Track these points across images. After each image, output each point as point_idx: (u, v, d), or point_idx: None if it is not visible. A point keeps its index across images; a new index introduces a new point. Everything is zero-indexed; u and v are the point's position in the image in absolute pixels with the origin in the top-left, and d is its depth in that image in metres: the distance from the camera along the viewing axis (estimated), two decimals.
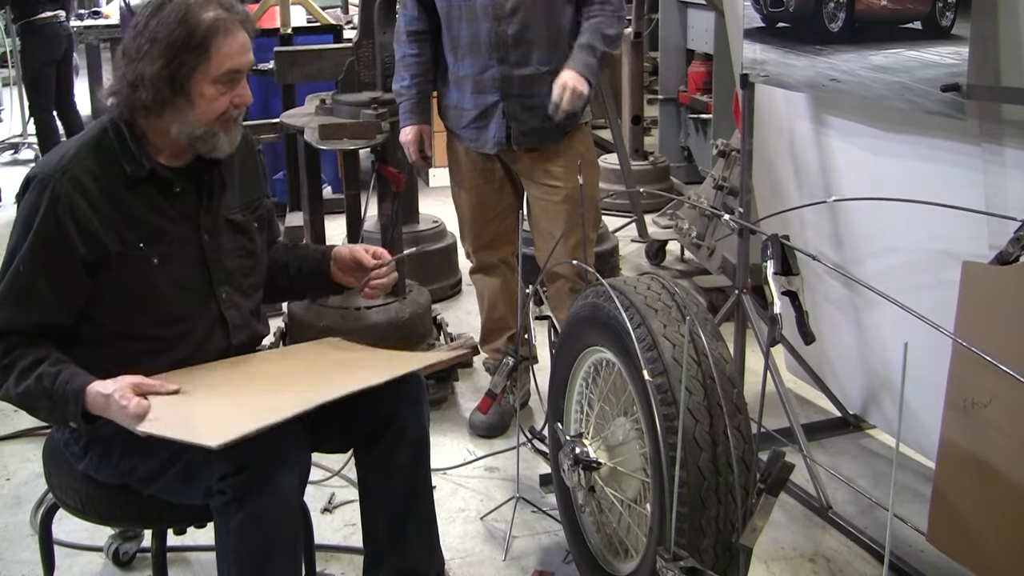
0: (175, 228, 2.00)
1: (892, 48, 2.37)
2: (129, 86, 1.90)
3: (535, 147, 3.07)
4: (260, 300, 2.23)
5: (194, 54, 1.89)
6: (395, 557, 2.19)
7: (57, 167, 1.91)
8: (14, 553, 2.67)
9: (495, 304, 3.32)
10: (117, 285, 1.94)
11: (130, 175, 1.94)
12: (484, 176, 3.18)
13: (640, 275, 2.28)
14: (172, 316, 2.01)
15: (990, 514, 2.11)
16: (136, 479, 1.97)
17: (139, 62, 1.89)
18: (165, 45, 1.87)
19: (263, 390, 1.98)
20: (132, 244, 1.94)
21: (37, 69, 6.24)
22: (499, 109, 3.01)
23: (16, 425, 3.37)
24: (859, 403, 3.17)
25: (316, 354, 2.26)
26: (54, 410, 1.89)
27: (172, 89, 1.90)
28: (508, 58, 2.96)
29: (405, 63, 3.11)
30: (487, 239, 3.25)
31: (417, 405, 2.18)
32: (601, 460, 2.23)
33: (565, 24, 2.97)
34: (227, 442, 1.70)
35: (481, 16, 2.94)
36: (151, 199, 1.98)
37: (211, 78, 1.92)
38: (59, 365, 1.88)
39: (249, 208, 2.16)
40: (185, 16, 1.88)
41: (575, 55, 2.92)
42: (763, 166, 3.19)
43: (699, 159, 6.16)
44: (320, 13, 6.36)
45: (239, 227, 2.12)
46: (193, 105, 1.92)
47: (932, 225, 2.50)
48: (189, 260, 2.03)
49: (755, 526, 1.83)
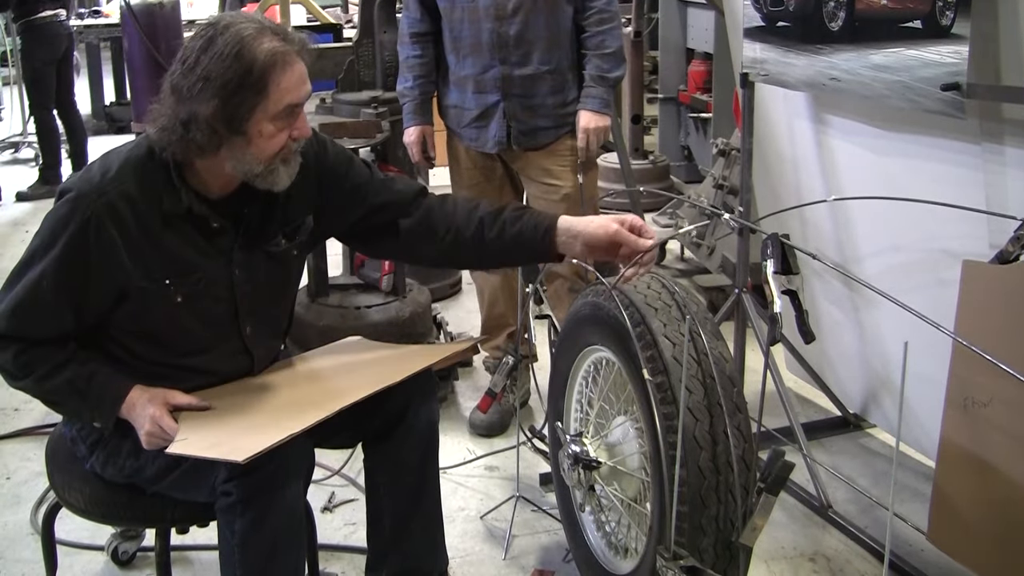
0: (206, 264, 1.93)
1: (892, 47, 2.37)
2: (182, 125, 1.78)
3: (535, 146, 3.08)
4: (285, 328, 2.21)
5: (252, 92, 1.77)
6: (399, 555, 2.19)
7: (96, 187, 1.82)
8: (14, 552, 2.67)
9: (495, 301, 3.32)
10: (136, 315, 1.91)
11: (166, 210, 1.86)
12: (484, 174, 3.19)
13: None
14: (192, 349, 1.99)
15: (990, 513, 2.11)
16: (143, 478, 1.97)
17: (191, 101, 1.77)
18: (220, 84, 1.75)
19: (286, 401, 2.00)
20: (159, 280, 1.88)
21: (38, 68, 6.24)
22: (500, 109, 3.04)
23: (16, 425, 3.37)
24: (859, 402, 3.17)
25: (339, 358, 2.27)
26: (83, 411, 1.90)
27: (229, 129, 1.79)
28: (509, 58, 2.98)
29: (408, 64, 3.14)
30: None
31: (428, 400, 2.16)
32: (601, 459, 2.23)
33: (565, 24, 3.00)
34: (253, 456, 1.72)
35: (483, 17, 2.96)
36: (185, 233, 1.90)
37: (270, 115, 1.81)
38: (89, 366, 1.88)
39: (290, 235, 2.04)
40: (240, 52, 1.76)
41: (587, 91, 3.01)
42: (763, 165, 3.19)
43: (699, 158, 6.16)
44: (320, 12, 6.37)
45: (275, 257, 2.03)
46: (251, 143, 1.82)
47: (932, 224, 2.50)
48: (217, 296, 1.97)
49: (755, 525, 1.83)
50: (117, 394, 1.88)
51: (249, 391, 2.05)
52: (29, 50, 6.24)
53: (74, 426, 2.03)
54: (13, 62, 7.53)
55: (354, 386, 2.01)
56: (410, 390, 2.08)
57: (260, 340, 2.08)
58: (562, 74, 3.02)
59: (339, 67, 3.53)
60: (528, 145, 3.08)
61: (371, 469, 2.20)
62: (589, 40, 3.01)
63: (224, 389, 2.05)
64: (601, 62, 3.00)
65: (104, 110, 8.20)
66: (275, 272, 2.06)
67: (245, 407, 1.97)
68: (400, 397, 2.08)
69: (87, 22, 7.71)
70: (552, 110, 3.04)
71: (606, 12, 3.00)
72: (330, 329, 3.20)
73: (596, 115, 3.00)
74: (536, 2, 2.93)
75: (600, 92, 3.01)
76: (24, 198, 6.25)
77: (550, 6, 2.95)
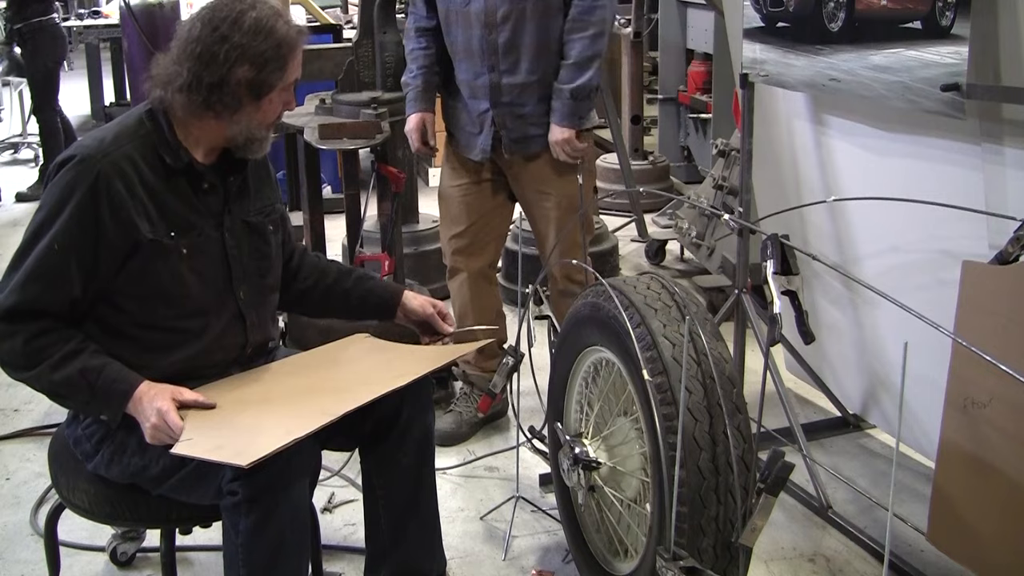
0: (202, 223, 2.04)
1: (892, 48, 2.37)
2: (207, 88, 1.94)
3: (527, 154, 3.06)
4: (276, 304, 2.24)
5: (278, 65, 1.97)
6: (397, 557, 2.20)
7: (98, 150, 1.93)
8: (14, 553, 2.67)
9: (464, 315, 3.25)
10: (145, 272, 1.95)
11: (169, 165, 1.99)
12: (473, 178, 3.16)
13: (640, 275, 2.28)
14: (193, 309, 2.03)
15: (990, 514, 2.11)
16: (147, 479, 1.97)
17: (223, 65, 1.93)
18: (255, 54, 1.93)
19: (293, 401, 2.00)
20: (163, 233, 1.97)
21: (50, 69, 6.23)
22: (489, 117, 3.01)
23: (16, 425, 3.37)
24: (859, 403, 3.17)
25: (345, 357, 2.26)
26: (91, 403, 1.92)
27: (253, 96, 1.97)
28: (498, 66, 2.96)
29: (412, 56, 3.14)
30: (465, 242, 3.21)
31: (423, 405, 2.19)
32: (601, 460, 2.23)
33: (555, 33, 2.95)
34: (257, 460, 1.73)
35: (474, 23, 2.95)
36: (182, 192, 2.01)
37: (282, 87, 2.01)
38: (99, 358, 1.91)
39: (263, 212, 2.18)
40: (273, 28, 1.95)
41: (554, 105, 2.96)
42: (763, 166, 3.19)
43: (699, 159, 6.16)
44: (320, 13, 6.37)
45: (256, 229, 2.15)
46: (260, 110, 2.00)
47: (932, 225, 2.50)
48: (212, 257, 2.05)
49: (755, 526, 1.83)
50: (127, 387, 1.89)
51: (256, 389, 2.05)
52: (41, 51, 6.21)
53: (78, 425, 2.03)
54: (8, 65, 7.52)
55: (362, 388, 2.01)
56: (405, 395, 2.09)
57: (252, 305, 2.12)
58: (550, 84, 2.97)
59: (339, 67, 3.53)
60: (519, 153, 3.06)
61: (367, 472, 2.21)
62: (563, 48, 2.95)
63: (231, 385, 2.05)
64: (563, 72, 2.94)
65: (104, 110, 8.20)
66: (257, 243, 2.15)
67: (251, 406, 1.97)
68: (394, 401, 2.09)
69: (87, 22, 7.71)
70: (541, 119, 3.00)
71: (579, 21, 2.91)
72: (330, 329, 3.19)
73: (556, 127, 2.95)
74: (525, 11, 2.90)
75: (557, 105, 2.94)
76: (24, 198, 6.25)
77: (540, 14, 2.91)
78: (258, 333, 2.14)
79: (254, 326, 2.13)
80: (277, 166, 5.45)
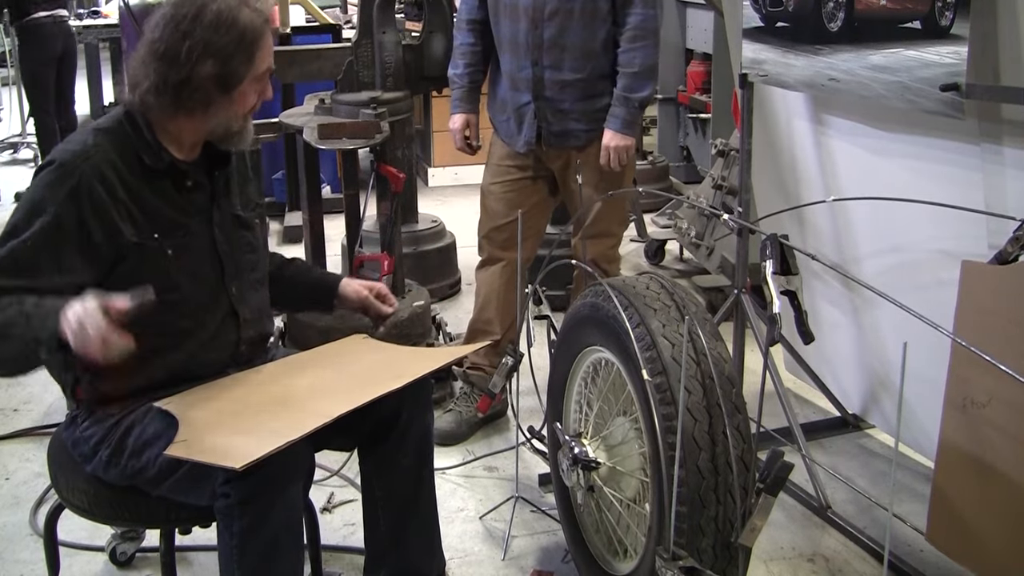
0: (188, 221, 2.02)
1: (891, 48, 2.37)
2: (173, 88, 1.92)
3: (568, 147, 3.10)
4: (267, 297, 2.24)
5: (244, 57, 1.94)
6: (396, 557, 2.19)
7: (79, 154, 1.91)
8: (13, 553, 2.67)
9: (488, 304, 3.29)
10: (133, 276, 1.92)
11: (150, 166, 1.97)
12: (515, 175, 3.20)
13: (639, 275, 2.28)
14: (187, 308, 2.02)
15: (989, 514, 2.11)
16: (145, 480, 1.96)
17: (186, 66, 1.90)
18: (217, 49, 1.91)
19: (287, 403, 1.99)
20: (148, 235, 1.95)
21: (36, 70, 6.23)
22: (531, 110, 3.06)
23: (16, 425, 3.37)
24: (858, 403, 3.17)
25: (343, 357, 2.26)
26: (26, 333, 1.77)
27: (221, 91, 1.95)
28: (541, 60, 3.01)
29: (461, 51, 3.19)
30: (505, 236, 3.21)
31: (422, 405, 2.18)
32: (600, 460, 2.23)
33: (601, 35, 2.99)
34: (250, 462, 1.72)
35: (522, 16, 3.00)
36: (165, 192, 2.00)
37: (252, 78, 1.98)
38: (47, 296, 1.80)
39: (248, 207, 2.19)
40: (234, 20, 1.92)
41: (611, 110, 3.02)
42: (762, 166, 3.19)
43: (698, 159, 6.17)
44: (319, 12, 6.36)
45: (243, 223, 2.16)
46: (233, 103, 1.98)
47: (931, 225, 2.50)
48: (202, 254, 2.05)
49: (754, 526, 1.83)
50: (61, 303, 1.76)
51: (252, 390, 2.05)
52: (27, 52, 6.22)
53: (76, 428, 2.03)
54: (12, 63, 7.53)
55: (360, 389, 2.00)
56: (404, 395, 2.09)
57: (244, 301, 2.12)
58: (593, 83, 3.02)
59: (338, 67, 3.52)
60: (560, 146, 3.10)
61: (366, 473, 2.20)
62: (620, 56, 2.99)
63: (228, 385, 2.05)
64: (627, 81, 2.99)
65: (103, 110, 8.19)
66: (246, 237, 2.15)
67: (247, 407, 1.96)
68: (393, 401, 2.08)
69: (86, 22, 7.70)
70: (583, 114, 3.05)
71: (640, 29, 2.97)
72: (330, 329, 3.19)
73: (617, 135, 3.00)
74: (574, 11, 2.94)
75: (622, 112, 3.00)
76: None
77: (588, 16, 2.95)
78: (251, 329, 2.14)
79: (247, 322, 2.12)
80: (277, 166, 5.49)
